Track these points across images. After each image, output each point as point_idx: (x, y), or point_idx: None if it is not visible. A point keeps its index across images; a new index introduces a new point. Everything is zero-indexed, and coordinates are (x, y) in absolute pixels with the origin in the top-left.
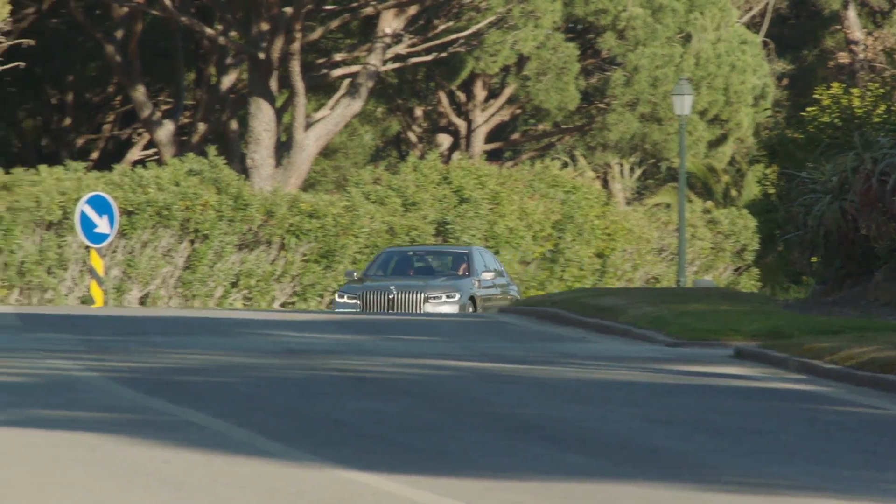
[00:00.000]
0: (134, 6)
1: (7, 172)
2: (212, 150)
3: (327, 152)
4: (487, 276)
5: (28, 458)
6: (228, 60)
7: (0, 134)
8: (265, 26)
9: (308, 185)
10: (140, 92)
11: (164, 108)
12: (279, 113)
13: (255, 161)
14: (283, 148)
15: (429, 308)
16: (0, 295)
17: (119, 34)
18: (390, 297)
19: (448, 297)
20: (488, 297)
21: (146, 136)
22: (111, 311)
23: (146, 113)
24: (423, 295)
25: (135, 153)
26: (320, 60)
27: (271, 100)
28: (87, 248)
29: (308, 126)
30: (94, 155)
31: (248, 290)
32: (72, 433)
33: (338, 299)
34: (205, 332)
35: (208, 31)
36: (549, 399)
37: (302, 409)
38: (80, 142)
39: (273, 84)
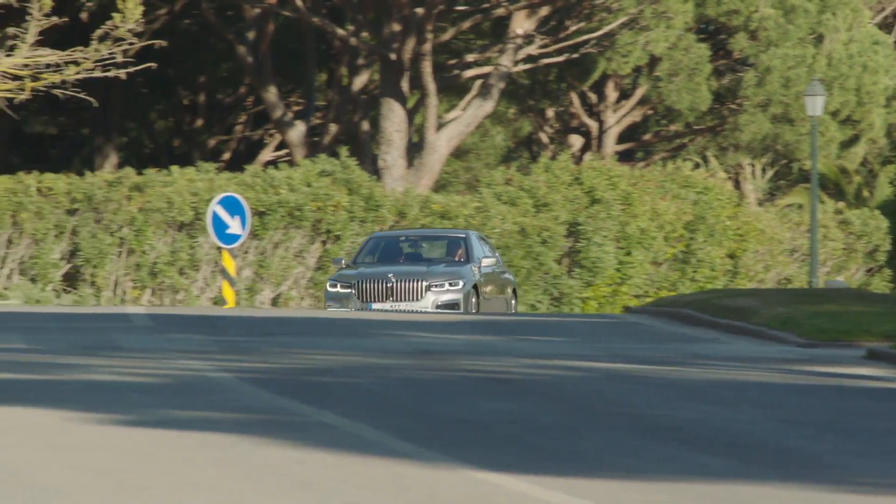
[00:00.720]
0: (266, 7)
1: (139, 173)
2: (343, 150)
3: (459, 153)
4: (487, 262)
5: (161, 458)
6: (360, 61)
7: (132, 135)
8: (396, 27)
9: (440, 186)
10: (272, 93)
11: (295, 108)
12: (411, 114)
13: (387, 162)
14: (415, 149)
15: (430, 297)
16: (133, 296)
17: (251, 35)
18: (389, 285)
19: (451, 284)
20: (489, 284)
21: (278, 137)
22: (243, 311)
23: (278, 114)
24: (424, 283)
25: (266, 154)
26: (452, 61)
27: (403, 101)
28: (219, 248)
29: (440, 127)
30: (226, 156)
31: None
32: (204, 434)
33: (329, 289)
34: (336, 333)
35: (340, 31)
36: (681, 400)
37: (433, 409)
38: (211, 143)
39: (404, 85)
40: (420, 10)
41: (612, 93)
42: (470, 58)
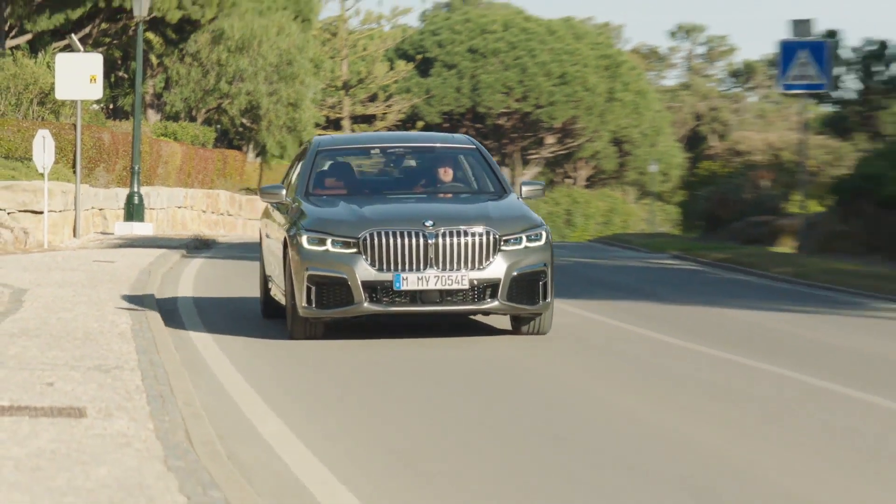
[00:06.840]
0: None
1: None
2: None
3: None
4: (532, 190)
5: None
6: None
7: None
8: None
9: None
10: None
11: None
12: None
13: None
14: None
15: (501, 262)
16: None
17: None
18: (430, 241)
19: (530, 237)
20: None
21: None
22: None
23: None
24: (492, 235)
25: None
26: None
27: None
28: None
29: None
30: None
31: None
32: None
33: (307, 245)
34: None
35: None
36: None
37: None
38: None
39: None
40: None
41: None
42: None
